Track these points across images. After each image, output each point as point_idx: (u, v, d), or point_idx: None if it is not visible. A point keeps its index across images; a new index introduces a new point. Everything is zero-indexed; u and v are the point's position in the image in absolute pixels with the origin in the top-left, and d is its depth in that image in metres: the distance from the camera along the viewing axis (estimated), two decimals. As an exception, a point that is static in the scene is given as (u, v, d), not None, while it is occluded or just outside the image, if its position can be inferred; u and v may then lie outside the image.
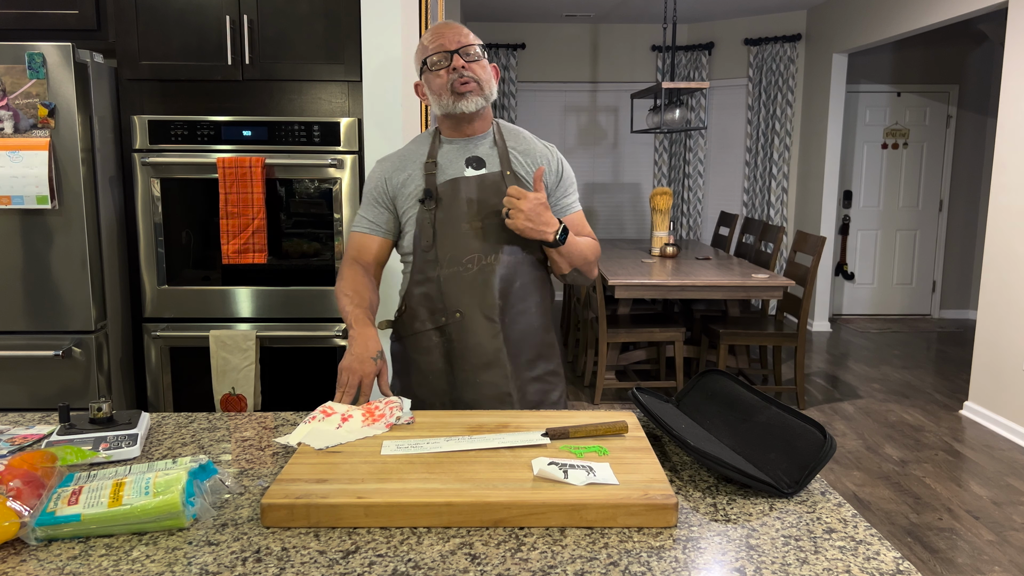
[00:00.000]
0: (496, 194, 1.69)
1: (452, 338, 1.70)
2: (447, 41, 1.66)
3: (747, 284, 4.11)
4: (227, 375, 2.57)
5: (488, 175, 1.71)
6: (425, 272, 1.70)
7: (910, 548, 2.86)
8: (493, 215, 1.69)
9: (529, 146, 1.78)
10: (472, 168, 1.71)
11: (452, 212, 1.68)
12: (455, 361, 1.71)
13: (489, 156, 1.73)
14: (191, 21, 2.52)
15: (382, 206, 1.75)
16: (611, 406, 4.43)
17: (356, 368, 1.52)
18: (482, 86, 1.67)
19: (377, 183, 1.75)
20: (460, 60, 1.65)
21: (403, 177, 1.73)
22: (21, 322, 2.44)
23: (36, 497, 1.04)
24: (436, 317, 1.71)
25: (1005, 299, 4.11)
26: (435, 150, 1.73)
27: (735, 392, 1.41)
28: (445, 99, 1.67)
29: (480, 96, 1.67)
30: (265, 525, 1.05)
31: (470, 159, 1.72)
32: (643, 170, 7.46)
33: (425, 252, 1.69)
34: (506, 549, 1.00)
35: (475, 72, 1.66)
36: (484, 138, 1.75)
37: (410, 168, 1.73)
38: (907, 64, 6.69)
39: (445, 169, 1.71)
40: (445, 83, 1.66)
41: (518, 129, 1.82)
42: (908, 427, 4.17)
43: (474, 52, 1.67)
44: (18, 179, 2.31)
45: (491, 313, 1.68)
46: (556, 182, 1.78)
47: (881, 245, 6.92)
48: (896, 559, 0.98)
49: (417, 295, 1.72)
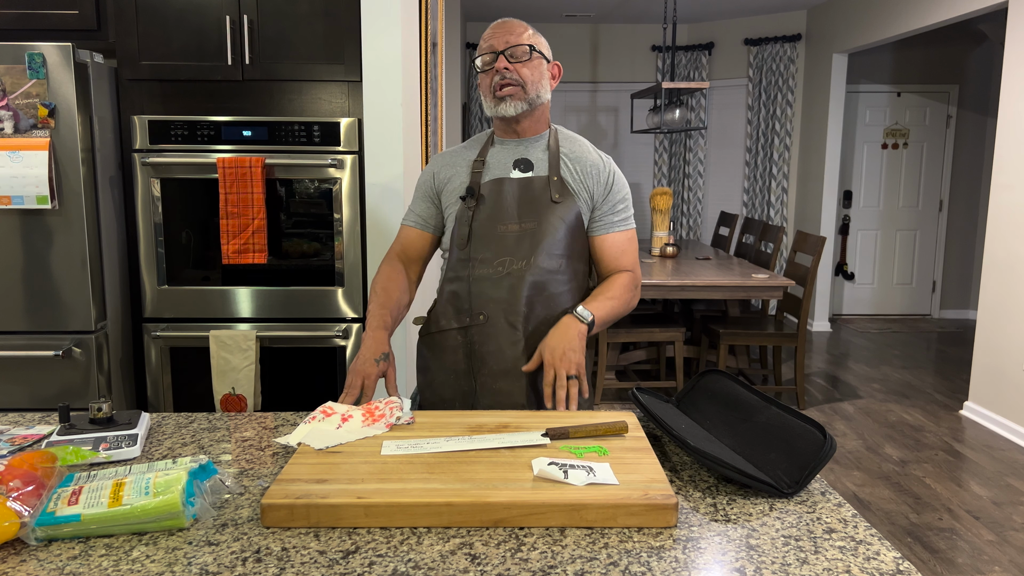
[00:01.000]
0: (539, 197, 1.65)
1: (474, 341, 1.67)
2: (497, 41, 1.63)
3: (747, 284, 4.11)
4: (227, 375, 2.57)
5: (535, 179, 1.67)
6: (457, 270, 1.68)
7: (910, 548, 2.86)
8: (532, 219, 1.64)
9: (582, 154, 1.72)
10: (519, 170, 1.68)
11: (492, 212, 1.65)
12: (475, 364, 1.68)
13: (539, 160, 1.69)
14: (191, 21, 2.52)
15: (429, 200, 1.74)
16: (611, 406, 4.43)
17: (359, 369, 1.53)
18: (526, 88, 1.63)
19: (427, 177, 1.74)
20: (503, 61, 1.61)
21: (450, 173, 1.71)
22: (21, 322, 2.44)
23: (36, 497, 1.04)
24: (461, 317, 1.68)
25: (1005, 299, 4.11)
26: (487, 149, 1.71)
27: (735, 392, 1.41)
28: (488, 101, 1.66)
29: (521, 100, 1.63)
30: (265, 525, 1.05)
31: (518, 161, 1.69)
32: (643, 170, 7.46)
33: (460, 250, 1.67)
34: (506, 549, 1.00)
35: (520, 74, 1.62)
36: (537, 140, 1.71)
37: (459, 165, 1.72)
38: (907, 64, 6.69)
39: (492, 169, 1.69)
40: (489, 85, 1.64)
41: (576, 136, 1.77)
42: (908, 427, 4.17)
43: (523, 51, 1.62)
44: (18, 179, 2.31)
45: (515, 320, 1.64)
46: (604, 195, 1.70)
47: (881, 245, 6.92)
48: (896, 559, 0.98)
49: (447, 293, 1.70)
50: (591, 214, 1.71)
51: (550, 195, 1.65)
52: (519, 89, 1.63)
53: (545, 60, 1.68)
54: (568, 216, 1.66)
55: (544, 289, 1.65)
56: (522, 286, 1.63)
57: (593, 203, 1.70)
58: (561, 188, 1.66)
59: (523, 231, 1.64)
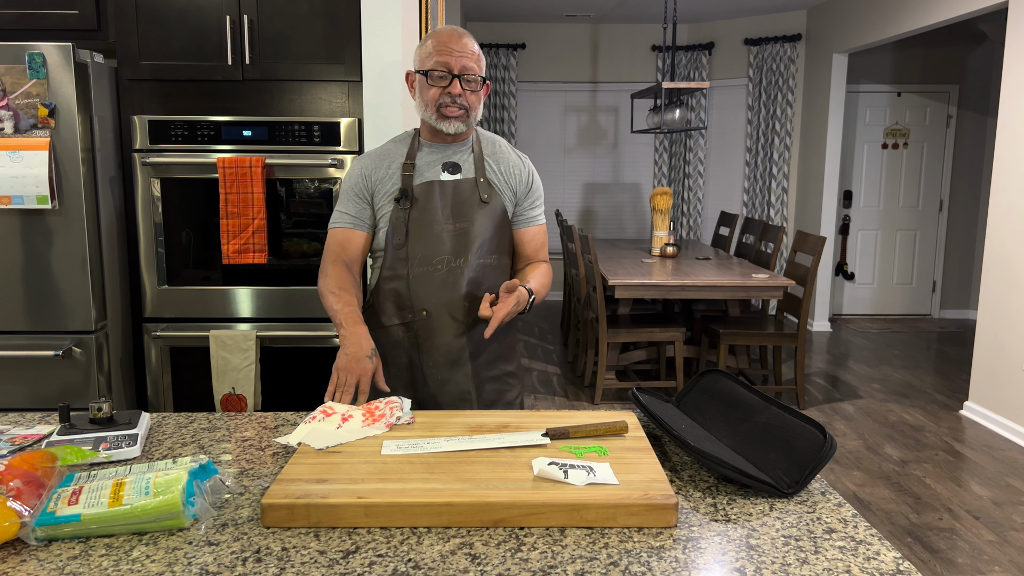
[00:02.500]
0: (469, 199, 1.74)
1: (418, 335, 1.75)
2: (453, 61, 1.67)
3: (747, 284, 4.11)
4: (227, 375, 2.57)
5: (463, 180, 1.76)
6: (395, 269, 1.74)
7: (910, 548, 2.86)
8: (465, 220, 1.73)
9: (504, 155, 1.82)
10: (448, 173, 1.76)
11: (426, 214, 1.72)
12: (421, 357, 1.76)
13: (465, 162, 1.78)
14: (191, 21, 2.52)
15: (363, 200, 1.77)
16: (611, 406, 4.43)
17: (353, 367, 1.53)
18: (469, 113, 1.72)
19: (357, 179, 1.77)
20: (458, 87, 1.68)
21: (382, 174, 1.76)
22: (21, 322, 2.44)
23: (36, 497, 1.04)
24: (403, 314, 1.75)
25: (1005, 299, 4.11)
26: (414, 151, 1.77)
27: (735, 392, 1.41)
28: (430, 112, 1.71)
29: (463, 122, 1.72)
30: (265, 525, 1.05)
31: (447, 164, 1.76)
32: (643, 170, 7.46)
33: (397, 250, 1.73)
34: (506, 549, 1.00)
35: (468, 100, 1.70)
36: (462, 145, 1.79)
37: (389, 166, 1.77)
38: (907, 64, 6.69)
39: (422, 171, 1.75)
40: (435, 99, 1.69)
41: (495, 137, 1.87)
42: (908, 427, 4.17)
43: (475, 80, 1.69)
44: (18, 179, 2.31)
45: (457, 313, 1.73)
46: (525, 192, 1.82)
47: (881, 245, 6.92)
48: (896, 559, 0.98)
49: (386, 291, 1.76)
50: (514, 209, 1.82)
51: (479, 196, 1.75)
52: (463, 113, 1.71)
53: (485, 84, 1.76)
54: (496, 214, 1.77)
55: (481, 283, 1.75)
56: (461, 282, 1.73)
57: (516, 199, 1.82)
58: (488, 189, 1.77)
59: (457, 230, 1.73)
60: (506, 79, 7.12)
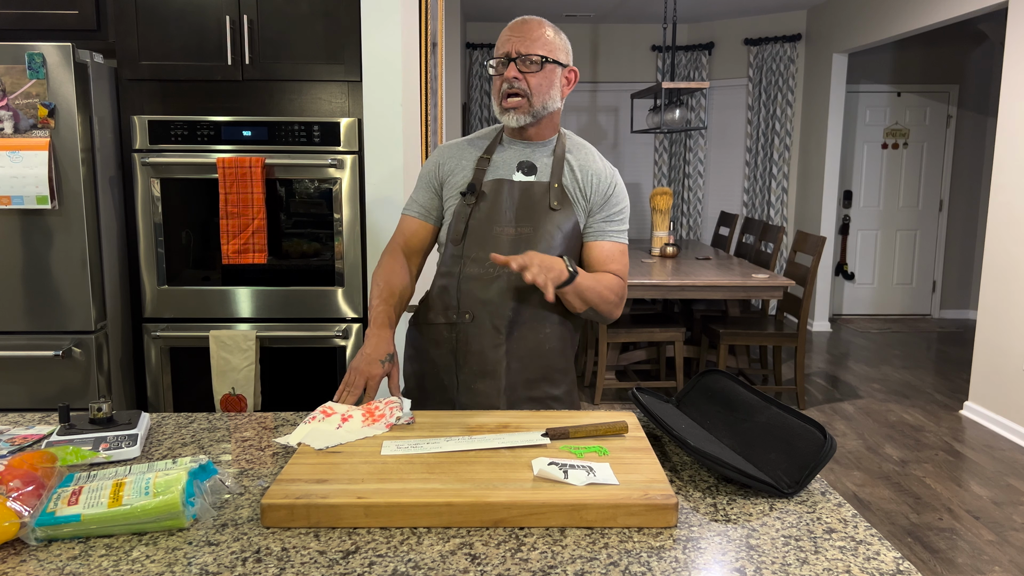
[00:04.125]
0: (538, 203, 1.64)
1: (459, 339, 1.67)
2: (511, 46, 1.60)
3: (747, 284, 4.11)
4: (227, 375, 2.57)
5: (536, 183, 1.66)
6: (449, 266, 1.68)
7: (910, 548, 2.86)
8: (529, 225, 1.63)
9: (588, 162, 1.70)
10: (522, 173, 1.67)
11: (490, 212, 1.64)
12: (459, 362, 1.68)
13: (544, 164, 1.68)
14: (191, 21, 2.52)
15: (432, 190, 1.72)
16: (611, 406, 4.43)
17: (364, 369, 1.50)
18: (532, 100, 1.61)
19: (432, 167, 1.73)
20: (513, 70, 1.59)
21: (454, 166, 1.70)
22: (21, 322, 2.44)
23: (36, 497, 1.04)
24: (448, 314, 1.68)
25: (1005, 299, 4.11)
26: (494, 147, 1.71)
27: (735, 392, 1.41)
28: (496, 106, 1.64)
29: (526, 113, 1.62)
30: (265, 525, 1.05)
31: (523, 163, 1.68)
32: (643, 170, 7.46)
33: (454, 246, 1.66)
34: (506, 549, 1.00)
35: (528, 84, 1.60)
36: (545, 145, 1.70)
37: (465, 159, 1.70)
38: (907, 64, 6.69)
39: (496, 168, 1.68)
40: (499, 90, 1.63)
41: (584, 144, 1.75)
42: (908, 427, 4.17)
43: (534, 59, 1.59)
44: (18, 179, 2.31)
45: (499, 323, 1.64)
46: (601, 203, 1.68)
47: (881, 245, 6.92)
48: (896, 559, 0.98)
49: (438, 286, 1.70)
50: (586, 220, 1.68)
51: (549, 202, 1.64)
52: (524, 101, 1.61)
53: (560, 66, 1.65)
54: (565, 225, 1.65)
55: (531, 296, 1.64)
56: (510, 290, 1.63)
57: (590, 209, 1.68)
58: (561, 196, 1.65)
59: (519, 235, 1.63)
60: (506, 79, 7.11)
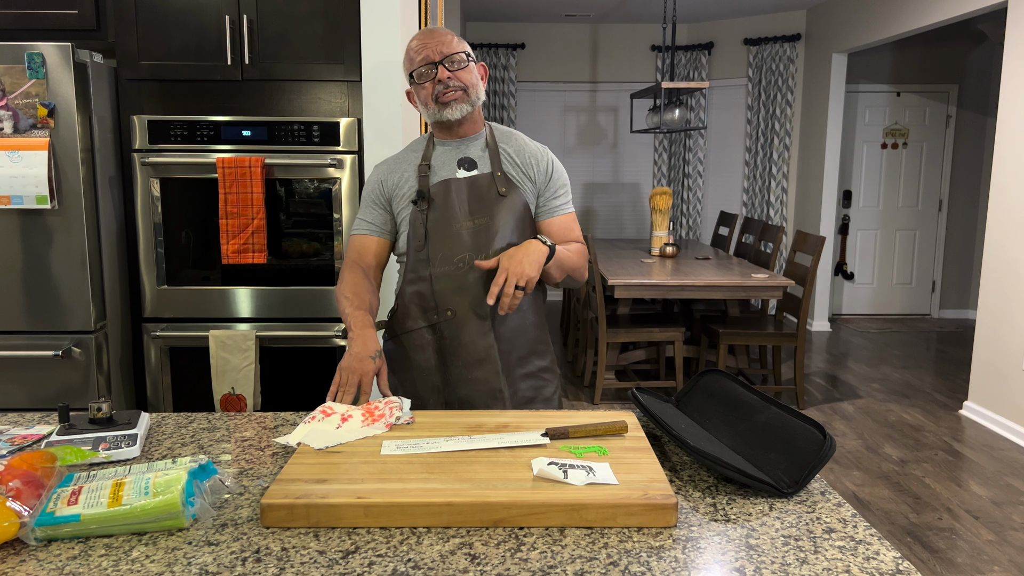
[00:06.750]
0: (486, 193, 1.73)
1: (444, 336, 1.74)
2: (431, 52, 1.69)
3: (747, 284, 4.11)
4: (227, 375, 2.57)
5: (479, 176, 1.75)
6: (418, 271, 1.74)
7: (910, 548, 2.86)
8: (484, 215, 1.72)
9: (520, 146, 1.80)
10: (464, 169, 1.75)
11: (444, 213, 1.72)
12: (448, 358, 1.74)
13: (481, 157, 1.77)
14: (191, 21, 2.52)
15: (380, 207, 1.78)
16: (611, 406, 4.43)
17: (355, 367, 1.53)
18: (468, 92, 1.71)
19: (374, 186, 1.80)
20: (445, 71, 1.68)
21: (397, 179, 1.77)
22: (21, 322, 2.44)
23: (36, 497, 1.04)
24: (428, 315, 1.74)
25: (1005, 299, 4.11)
26: (429, 152, 1.78)
27: (735, 392, 1.41)
28: (432, 108, 1.72)
29: (465, 103, 1.71)
30: (265, 525, 1.05)
31: (462, 160, 1.76)
32: (643, 170, 7.46)
33: (417, 252, 1.73)
34: (506, 549, 1.00)
35: (461, 79, 1.70)
36: (476, 139, 1.78)
37: (405, 170, 1.77)
38: (907, 64, 6.69)
39: (438, 171, 1.75)
40: (431, 94, 1.70)
41: (511, 130, 1.85)
42: (908, 427, 4.17)
43: (459, 59, 1.70)
44: (18, 179, 2.31)
45: (482, 311, 1.71)
46: (545, 182, 1.79)
47: (881, 245, 6.92)
48: (896, 559, 0.98)
49: (410, 294, 1.76)
50: (536, 201, 1.78)
51: (496, 190, 1.73)
52: (462, 93, 1.70)
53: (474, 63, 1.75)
54: (516, 207, 1.74)
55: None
56: (483, 278, 1.70)
57: (537, 190, 1.78)
58: (506, 182, 1.75)
59: (477, 227, 1.71)
60: (506, 79, 7.11)
